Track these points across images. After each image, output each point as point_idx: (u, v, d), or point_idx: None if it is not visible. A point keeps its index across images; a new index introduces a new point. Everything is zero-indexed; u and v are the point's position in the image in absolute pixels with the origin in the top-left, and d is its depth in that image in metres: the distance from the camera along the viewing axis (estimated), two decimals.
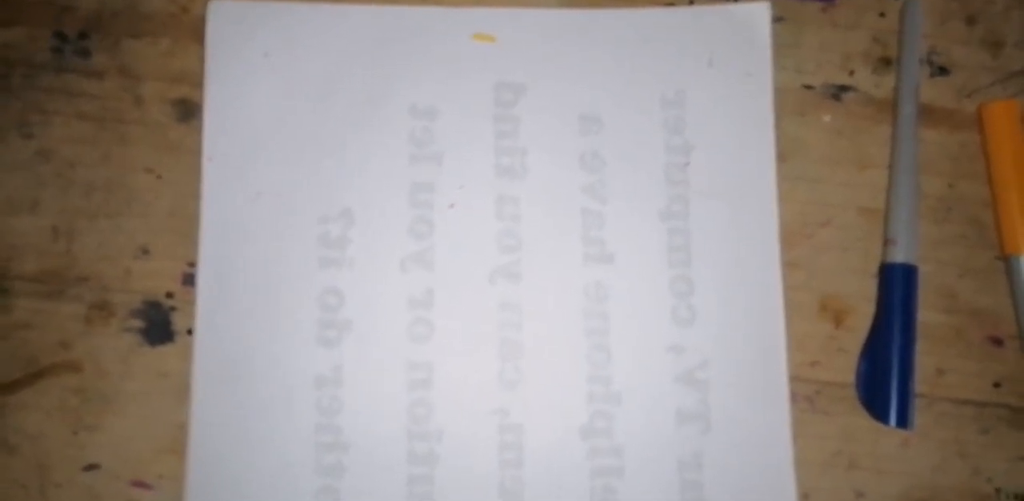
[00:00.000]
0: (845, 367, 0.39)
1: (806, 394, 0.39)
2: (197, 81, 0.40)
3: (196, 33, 0.40)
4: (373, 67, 0.40)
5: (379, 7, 0.41)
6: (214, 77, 0.40)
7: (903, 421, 0.38)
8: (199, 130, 0.40)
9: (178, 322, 0.39)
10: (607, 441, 0.38)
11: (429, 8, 0.41)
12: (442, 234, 0.39)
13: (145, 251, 0.39)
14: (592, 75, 0.40)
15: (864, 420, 0.39)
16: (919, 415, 0.39)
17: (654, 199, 0.40)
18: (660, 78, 0.40)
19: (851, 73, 0.41)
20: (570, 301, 0.39)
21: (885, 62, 0.41)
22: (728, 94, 0.40)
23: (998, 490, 0.39)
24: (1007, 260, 0.40)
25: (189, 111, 0.40)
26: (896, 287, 0.39)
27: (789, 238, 0.40)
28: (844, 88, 0.41)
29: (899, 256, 0.39)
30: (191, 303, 0.39)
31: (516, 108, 0.40)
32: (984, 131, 0.40)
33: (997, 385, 0.39)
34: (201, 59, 0.40)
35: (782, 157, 0.40)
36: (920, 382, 0.39)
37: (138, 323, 0.39)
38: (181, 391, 0.38)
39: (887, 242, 0.39)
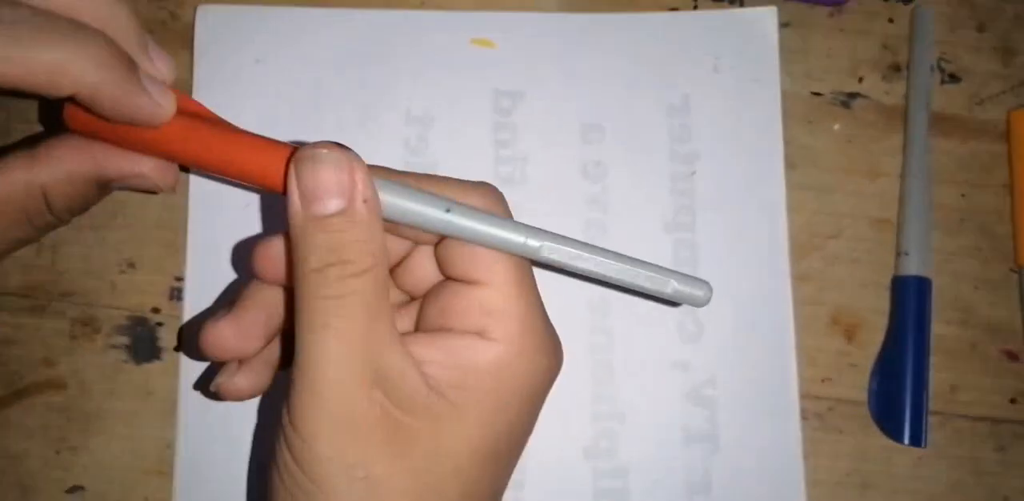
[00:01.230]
0: (857, 383, 0.38)
1: (817, 411, 0.38)
2: (186, 89, 0.39)
3: (184, 40, 0.40)
4: (367, 73, 0.39)
5: (374, 11, 0.40)
6: (203, 84, 0.39)
7: (917, 439, 0.37)
8: None
9: (164, 338, 0.38)
10: (612, 462, 0.37)
11: (426, 12, 0.40)
12: None
13: (131, 265, 0.38)
14: (594, 81, 0.39)
15: (877, 438, 0.38)
16: (933, 432, 0.38)
17: (659, 209, 0.39)
18: (664, 85, 0.40)
19: (860, 80, 0.40)
20: (573, 316, 0.38)
21: (895, 69, 0.41)
22: (735, 101, 0.39)
23: None
24: (1022, 272, 0.39)
25: None
26: (909, 300, 0.38)
27: (799, 250, 0.39)
28: (853, 95, 0.40)
29: (912, 268, 0.38)
30: (177, 319, 0.38)
31: (515, 115, 0.39)
32: (1010, 139, 0.40)
33: (1013, 401, 0.39)
34: (189, 66, 0.39)
35: (791, 166, 0.39)
36: (934, 398, 0.38)
37: (123, 339, 0.38)
38: (167, 410, 0.37)
39: (900, 254, 0.39)
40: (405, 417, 0.26)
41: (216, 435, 0.37)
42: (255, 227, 0.38)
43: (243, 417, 0.37)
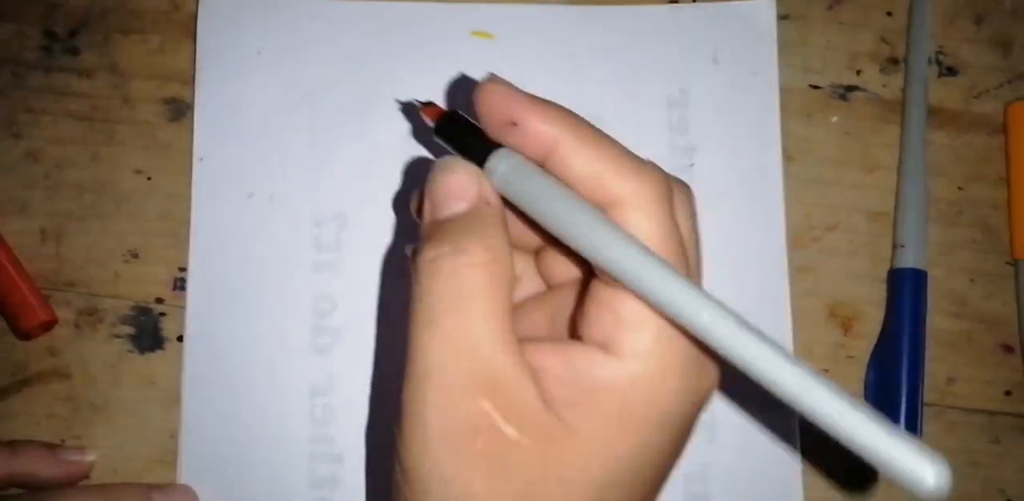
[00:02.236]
0: (854, 375, 0.38)
1: None
2: (188, 80, 0.39)
3: (187, 30, 0.40)
4: (369, 64, 0.40)
5: (375, 3, 0.40)
6: (205, 75, 0.39)
7: (912, 430, 0.37)
8: (190, 130, 0.39)
9: (168, 328, 0.38)
10: None
11: (427, 4, 0.40)
12: None
13: (135, 255, 0.39)
14: (593, 74, 0.40)
15: None
16: (929, 424, 0.38)
17: None
18: (663, 77, 0.40)
19: (858, 73, 0.40)
20: None
21: (893, 62, 0.41)
22: (733, 93, 0.39)
23: None
24: (1018, 265, 0.39)
25: (179, 110, 0.39)
26: (905, 293, 0.38)
27: (796, 242, 0.39)
28: (851, 88, 0.40)
29: (908, 261, 0.38)
30: (181, 309, 0.38)
31: None
32: (1008, 132, 0.40)
33: (1008, 393, 0.39)
34: (192, 57, 0.39)
35: (788, 158, 0.39)
36: (929, 390, 0.38)
37: (127, 329, 0.38)
38: (172, 399, 0.38)
39: (896, 246, 0.39)
40: (513, 433, 0.23)
41: (220, 424, 0.37)
42: (258, 218, 0.38)
43: (246, 406, 0.37)
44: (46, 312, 0.38)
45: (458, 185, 0.25)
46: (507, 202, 0.26)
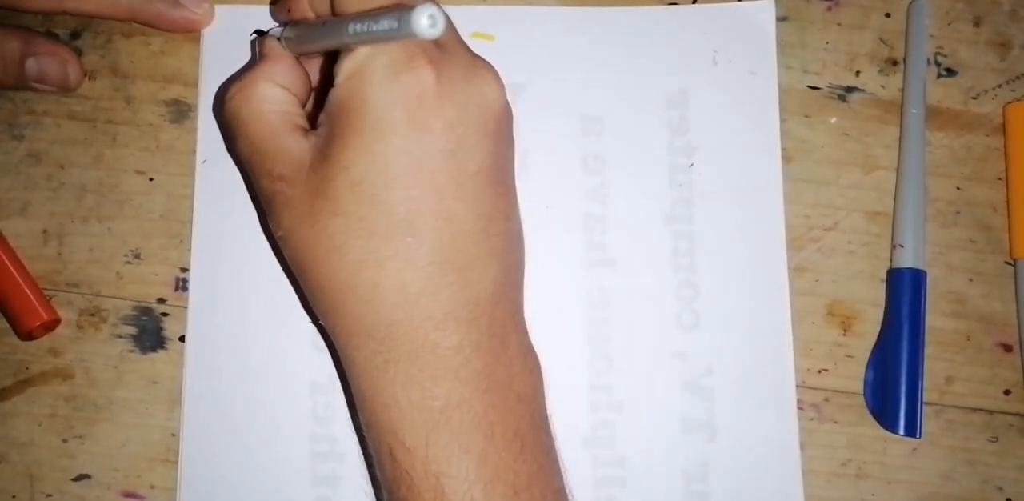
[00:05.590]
0: (853, 374, 0.39)
1: (813, 402, 0.38)
2: (190, 81, 0.40)
3: (193, 38, 0.40)
4: None
5: None
6: (210, 83, 0.39)
7: (912, 429, 0.38)
8: (192, 131, 0.39)
9: (170, 328, 0.38)
10: (610, 451, 0.37)
11: None
12: None
13: (137, 255, 0.39)
14: (593, 75, 0.40)
15: (872, 428, 0.38)
16: (928, 423, 0.38)
17: (658, 202, 0.39)
18: (663, 78, 0.40)
19: (857, 74, 0.41)
20: (571, 307, 0.38)
21: (891, 63, 0.41)
22: (732, 94, 0.40)
23: (1008, 500, 0.38)
24: (1017, 264, 0.39)
25: (182, 112, 0.40)
26: (904, 292, 0.38)
27: (795, 242, 0.39)
28: (850, 89, 0.40)
29: (907, 261, 0.39)
30: (183, 309, 0.38)
31: (515, 108, 0.39)
32: (1007, 132, 0.40)
33: (1007, 392, 0.39)
34: (194, 59, 0.40)
35: (788, 159, 0.40)
36: (929, 389, 0.38)
37: (129, 329, 0.38)
38: (173, 399, 0.38)
39: (895, 246, 0.39)
40: (292, 189, 0.32)
41: (220, 423, 0.37)
42: (260, 219, 0.39)
43: (248, 405, 0.37)
44: (48, 312, 0.38)
45: (258, 46, 0.35)
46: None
